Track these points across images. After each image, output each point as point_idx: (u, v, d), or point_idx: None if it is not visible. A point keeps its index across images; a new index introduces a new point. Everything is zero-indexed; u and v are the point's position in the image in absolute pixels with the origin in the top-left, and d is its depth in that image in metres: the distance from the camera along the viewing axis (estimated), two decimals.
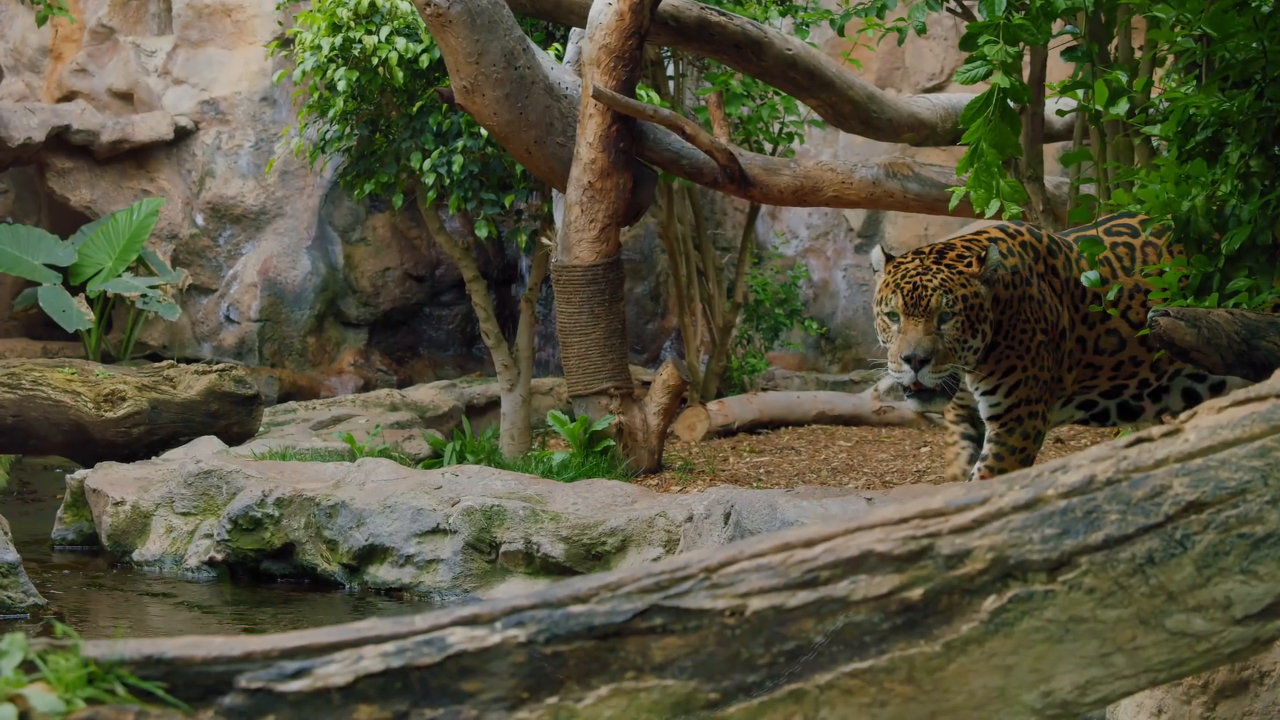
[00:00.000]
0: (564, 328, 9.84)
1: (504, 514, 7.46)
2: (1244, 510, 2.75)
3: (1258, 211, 5.96)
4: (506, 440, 11.17)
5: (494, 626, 2.50)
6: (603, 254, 9.70)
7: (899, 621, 2.65)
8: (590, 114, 9.65)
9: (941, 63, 15.72)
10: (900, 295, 6.75)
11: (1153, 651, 2.74)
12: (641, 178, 10.00)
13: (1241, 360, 5.24)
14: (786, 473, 9.90)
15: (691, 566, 2.64)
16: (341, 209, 15.74)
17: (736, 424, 12.35)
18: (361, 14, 11.05)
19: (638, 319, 16.17)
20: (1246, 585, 2.72)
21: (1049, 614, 2.68)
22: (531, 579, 7.32)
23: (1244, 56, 6.04)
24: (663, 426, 9.90)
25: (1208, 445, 2.82)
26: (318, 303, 15.63)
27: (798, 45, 10.53)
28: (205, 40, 15.74)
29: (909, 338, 6.71)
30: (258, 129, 15.56)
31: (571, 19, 10.55)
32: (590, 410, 9.66)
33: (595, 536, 7.26)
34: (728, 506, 6.41)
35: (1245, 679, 4.25)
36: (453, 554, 7.50)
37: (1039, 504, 2.76)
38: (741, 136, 12.58)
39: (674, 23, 10.18)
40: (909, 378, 6.73)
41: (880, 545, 2.69)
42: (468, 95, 9.66)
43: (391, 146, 11.52)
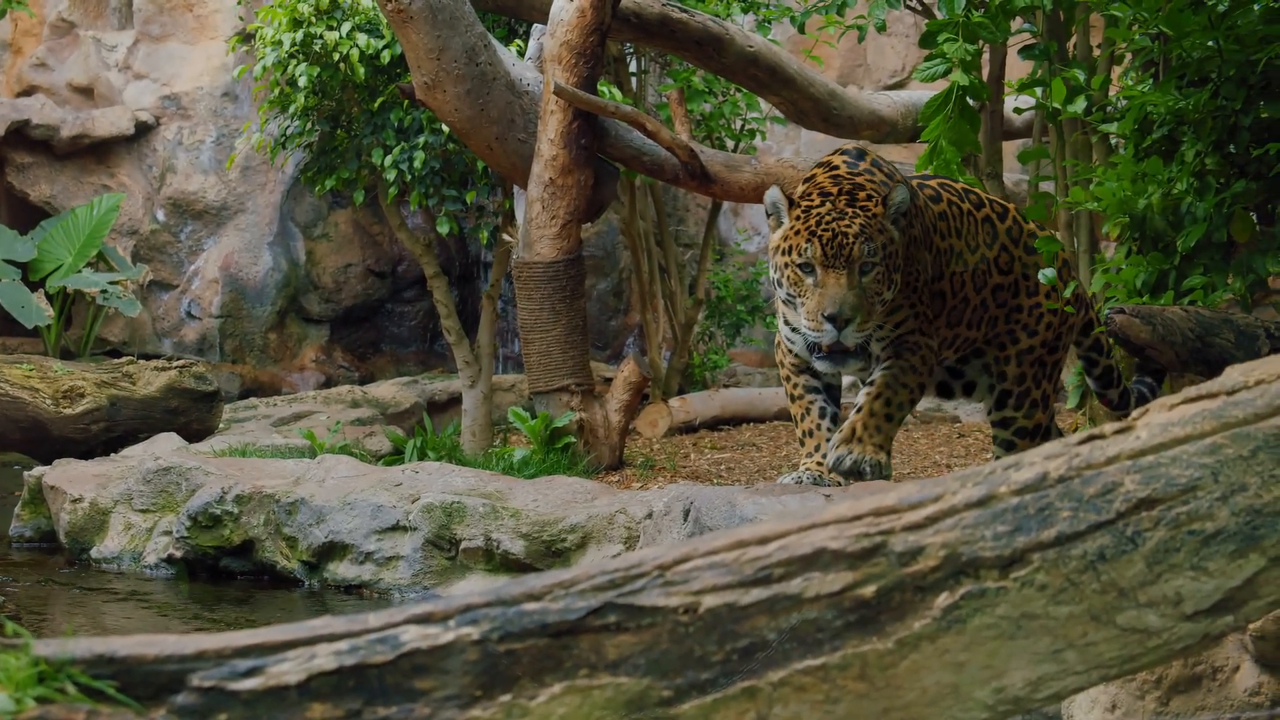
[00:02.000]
0: (525, 324, 9.83)
1: (464, 511, 7.45)
2: (1194, 507, 2.77)
3: (1213, 210, 6.00)
4: (468, 437, 11.16)
5: (447, 624, 2.50)
6: (564, 251, 9.70)
7: (852, 618, 2.65)
8: (552, 110, 9.64)
9: (903, 60, 15.77)
10: (819, 244, 6.11)
11: (1104, 648, 2.75)
12: (603, 174, 10.00)
13: (1196, 357, 5.27)
14: (747, 469, 9.92)
15: (645, 564, 2.65)
16: (303, 205, 15.70)
17: (698, 420, 12.37)
18: (323, 9, 11.02)
19: (600, 315, 16.17)
20: (1197, 581, 2.74)
21: (1001, 611, 2.69)
22: (491, 576, 7.31)
23: (1200, 55, 6.08)
24: (624, 423, 9.90)
25: (1159, 442, 2.83)
26: (279, 299, 15.60)
27: (759, 42, 10.55)
28: (166, 35, 15.68)
29: (831, 293, 6.09)
30: (219, 124, 15.51)
31: (533, 15, 10.54)
32: (551, 407, 9.66)
33: (555, 533, 7.25)
34: (687, 503, 6.41)
35: (1198, 674, 4.28)
36: (413, 551, 7.49)
37: (992, 501, 2.77)
38: (703, 133, 12.59)
39: (636, 19, 10.18)
40: (829, 337, 6.14)
41: (834, 542, 2.70)
42: (429, 91, 9.65)
43: (353, 142, 11.49)
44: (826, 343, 6.17)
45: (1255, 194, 6.04)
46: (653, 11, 10.21)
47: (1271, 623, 4.13)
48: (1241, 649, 4.27)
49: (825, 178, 6.49)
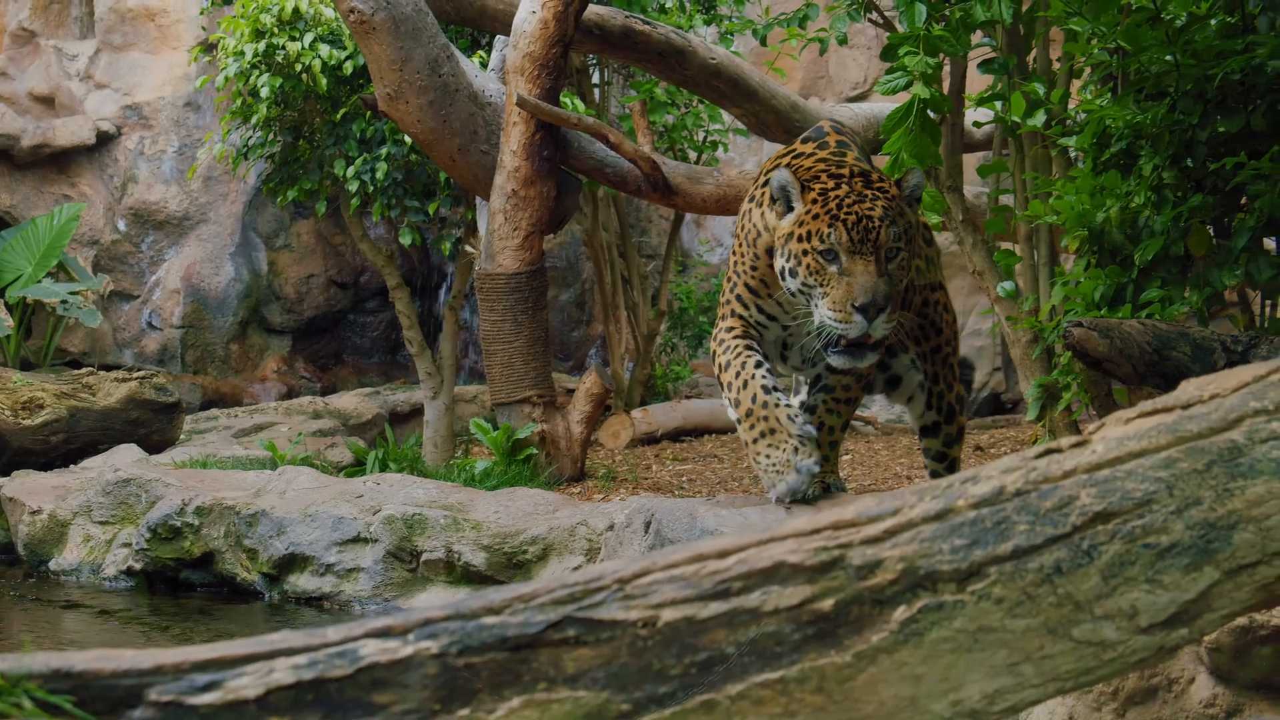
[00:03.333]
0: (487, 335, 9.83)
1: (425, 522, 7.44)
2: (1149, 520, 2.78)
3: (1170, 223, 6.03)
4: (430, 448, 11.15)
5: (407, 638, 2.50)
6: (526, 262, 9.70)
7: (810, 632, 2.66)
8: (514, 122, 9.65)
9: (865, 72, 15.81)
10: (843, 229, 5.60)
11: (1060, 660, 2.76)
12: (566, 186, 10.01)
13: (1153, 370, 5.30)
14: (709, 480, 9.92)
15: (605, 578, 2.65)
16: (266, 215, 15.65)
17: (660, 431, 12.38)
18: (285, 20, 11.01)
19: (563, 326, 16.17)
20: (1151, 595, 2.75)
21: (958, 624, 2.70)
22: (453, 588, 7.31)
23: (1157, 70, 6.11)
24: (586, 434, 9.90)
25: (1115, 456, 2.85)
26: (241, 309, 15.54)
27: (721, 54, 10.57)
28: (128, 44, 15.62)
29: (861, 281, 5.57)
30: (181, 134, 15.46)
31: (496, 26, 10.55)
32: (513, 418, 9.66)
33: (516, 545, 7.25)
34: (648, 515, 6.40)
35: (1154, 686, 4.30)
36: (373, 563, 7.47)
37: (949, 515, 2.78)
38: (666, 145, 12.62)
39: (598, 31, 10.20)
40: (858, 329, 5.59)
41: (792, 556, 2.71)
42: (391, 102, 9.64)
43: (315, 153, 11.49)
44: (854, 335, 5.62)
45: (1212, 208, 6.08)
46: (616, 23, 10.23)
47: (1226, 635, 4.15)
48: (1197, 661, 4.30)
49: (810, 161, 6.04)
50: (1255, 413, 2.90)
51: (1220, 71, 5.83)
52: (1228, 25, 6.07)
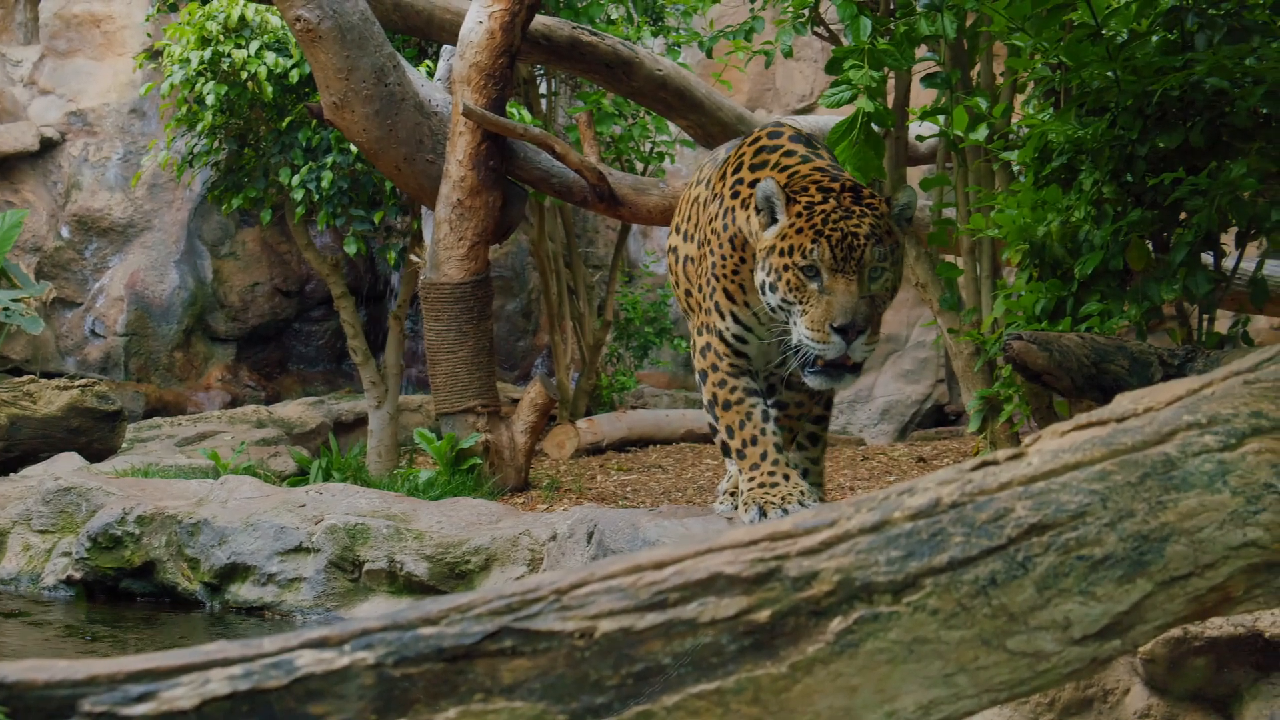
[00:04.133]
0: (432, 345, 9.81)
1: (368, 532, 7.42)
2: (1083, 533, 2.80)
3: (1110, 238, 6.08)
4: (374, 457, 11.12)
5: (343, 649, 2.50)
6: (472, 272, 9.69)
7: (747, 643, 2.67)
8: (461, 131, 9.65)
9: (811, 84, 15.86)
10: (827, 245, 5.43)
11: (994, 671, 2.78)
12: (511, 196, 10.01)
13: (1091, 383, 5.34)
14: (653, 491, 9.93)
15: (542, 588, 2.65)
16: (211, 223, 15.59)
17: (606, 442, 12.39)
18: (231, 28, 10.98)
19: (509, 336, 16.16)
20: (1085, 606, 2.77)
21: (894, 635, 2.71)
22: (395, 598, 7.29)
23: (1099, 85, 6.16)
24: (530, 444, 9.90)
25: (1050, 469, 2.87)
26: (185, 317, 15.46)
27: (668, 66, 10.59)
28: (73, 50, 15.53)
29: (841, 301, 5.40)
30: (126, 141, 15.38)
31: (443, 36, 10.54)
32: (457, 428, 9.65)
33: (459, 555, 7.24)
34: (590, 525, 6.42)
35: (1090, 696, 4.33)
36: (315, 572, 7.45)
37: (886, 526, 2.79)
38: (613, 155, 12.64)
39: (546, 42, 10.21)
40: (836, 351, 5.44)
41: (729, 567, 2.71)
42: (337, 111, 9.62)
43: (260, 161, 11.45)
44: (832, 356, 5.46)
45: (1151, 222, 6.13)
46: (562, 34, 10.24)
47: (1161, 646, 4.19)
48: (1132, 672, 4.33)
49: (809, 169, 5.88)
50: (1188, 426, 2.93)
51: (1160, 88, 5.88)
52: (1168, 42, 6.12)
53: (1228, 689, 4.27)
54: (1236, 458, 2.90)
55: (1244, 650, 4.19)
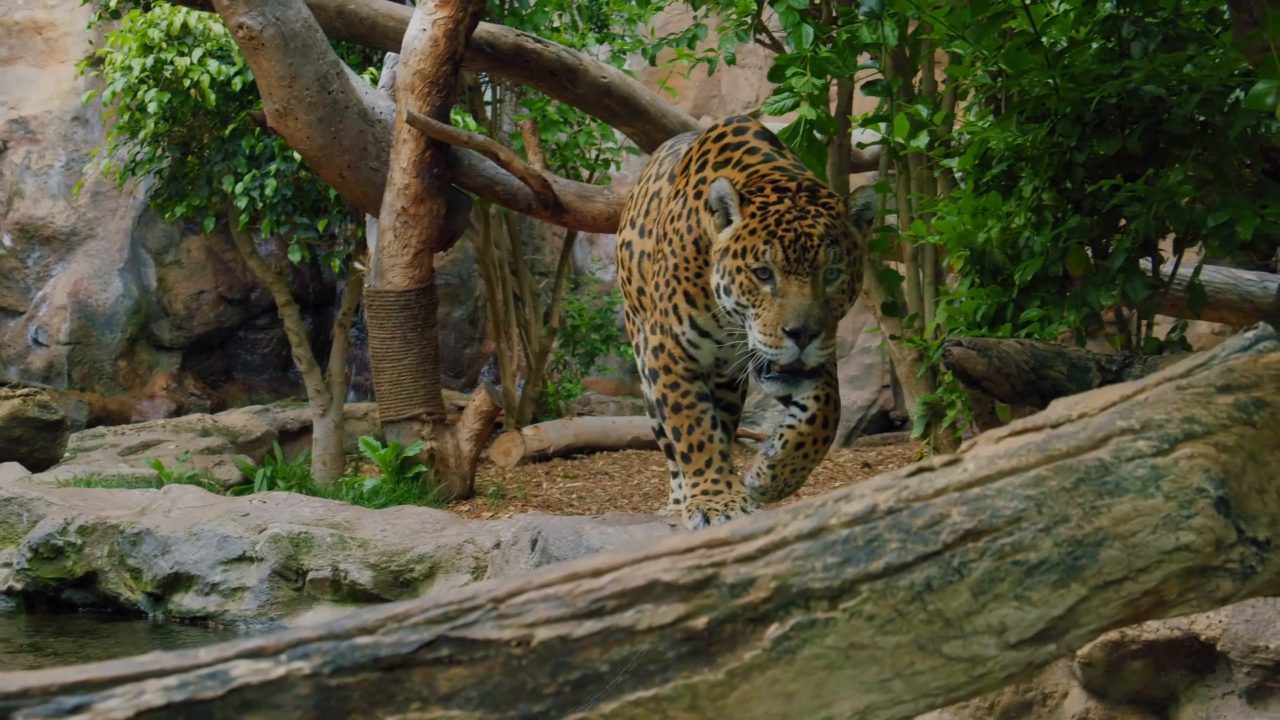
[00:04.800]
0: (377, 353, 9.80)
1: (311, 541, 7.40)
2: (1018, 538, 2.82)
3: (1049, 244, 6.12)
4: (319, 466, 11.09)
5: (279, 659, 2.49)
6: (416, 279, 9.68)
7: (684, 650, 2.67)
8: (404, 139, 9.63)
9: (756, 91, 15.90)
10: (779, 246, 5.28)
11: (930, 677, 2.79)
12: (456, 203, 10.00)
13: (1030, 389, 5.37)
14: (599, 498, 9.94)
15: (479, 597, 2.65)
16: (155, 231, 15.51)
17: (552, 449, 12.39)
18: (173, 35, 10.94)
19: (456, 343, 16.13)
20: (1020, 611, 2.79)
21: (830, 641, 2.72)
22: (339, 606, 7.28)
23: (1038, 93, 6.20)
24: (475, 452, 9.89)
25: (985, 474, 2.89)
26: (129, 325, 15.38)
27: (613, 73, 10.60)
28: (15, 57, 15.42)
29: (793, 304, 5.25)
30: (69, 149, 15.28)
31: (387, 43, 10.52)
32: (402, 436, 9.63)
33: (403, 563, 7.23)
34: (534, 533, 6.42)
35: (1029, 700, 4.36)
36: (259, 582, 7.43)
37: (822, 533, 2.80)
38: (558, 163, 12.64)
39: (490, 49, 10.20)
40: (789, 355, 5.28)
41: (666, 574, 2.71)
42: (281, 119, 9.60)
43: (204, 169, 11.41)
44: (785, 361, 5.30)
45: (1090, 229, 6.17)
46: (507, 41, 10.24)
47: (1099, 649, 4.22)
48: (1070, 675, 4.36)
49: (769, 168, 5.74)
50: (1122, 431, 2.95)
51: (1098, 95, 5.92)
52: (1106, 50, 6.17)
53: (1165, 692, 4.31)
54: (1169, 463, 2.92)
55: (1180, 653, 4.23)
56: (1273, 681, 4.06)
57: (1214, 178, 6.01)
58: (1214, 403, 3.04)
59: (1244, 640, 4.09)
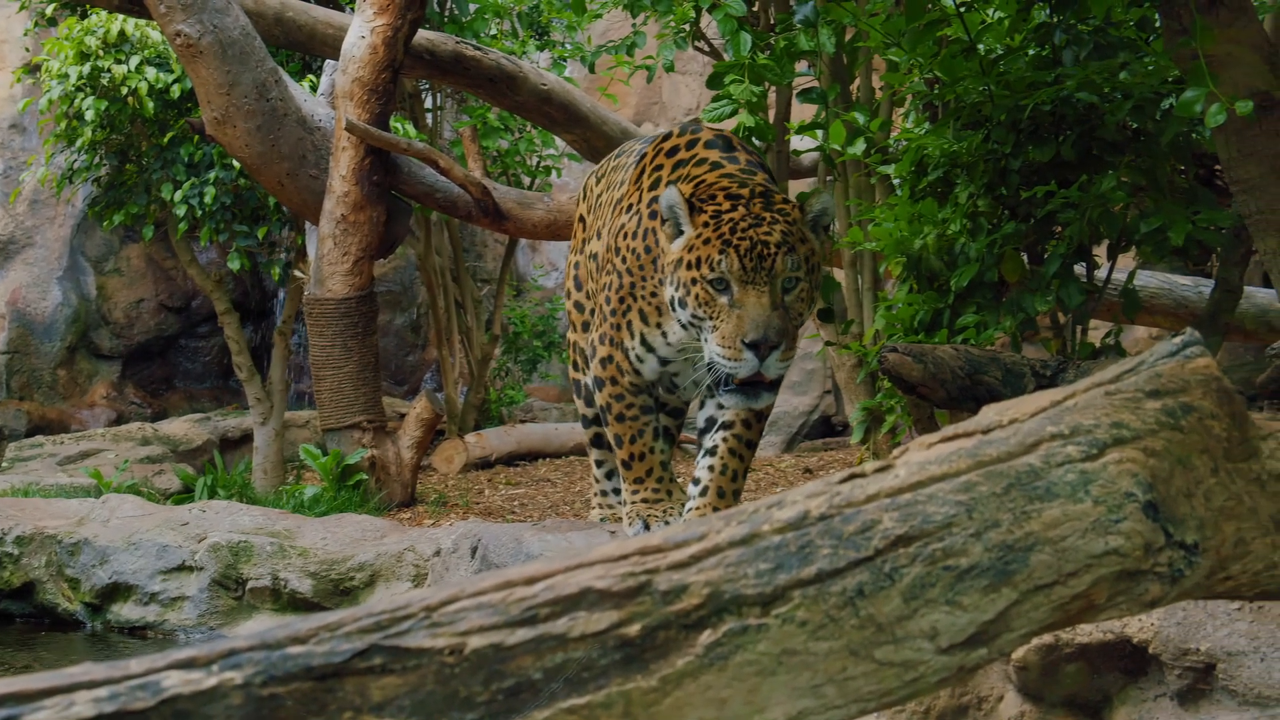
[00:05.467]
0: (317, 361, 9.77)
1: (251, 550, 7.37)
2: (949, 543, 2.83)
3: (985, 250, 6.16)
4: (259, 474, 11.04)
5: (210, 669, 2.48)
6: (356, 287, 9.66)
7: (617, 657, 2.67)
8: (344, 147, 9.61)
9: (697, 98, 15.94)
10: (735, 256, 5.11)
11: (862, 682, 2.80)
12: (396, 211, 9.98)
13: (965, 395, 5.40)
14: (540, 505, 9.93)
15: (412, 605, 2.65)
16: (94, 239, 15.42)
17: (494, 456, 12.37)
18: (111, 43, 10.88)
19: (398, 351, 16.10)
20: (951, 616, 2.80)
21: (762, 647, 2.73)
22: (279, 615, 7.26)
23: (973, 100, 6.24)
24: (416, 460, 9.87)
25: (916, 480, 2.90)
26: (69, 334, 15.28)
27: (553, 80, 10.61)
28: None
29: (752, 315, 5.08)
30: (6, 157, 15.18)
31: (326, 51, 10.50)
32: (343, 444, 9.60)
33: (343, 571, 7.22)
34: (474, 540, 6.42)
35: (964, 704, 4.39)
36: (198, 591, 7.40)
37: (755, 539, 2.81)
38: (500, 170, 12.63)
39: (429, 56, 10.19)
40: (749, 368, 5.11)
41: (599, 582, 2.72)
42: (219, 126, 9.56)
43: (142, 177, 11.35)
44: (744, 374, 5.13)
45: (1025, 235, 6.22)
46: (446, 49, 10.23)
47: (1033, 653, 4.25)
48: (1005, 679, 4.39)
49: (716, 176, 5.57)
50: (1052, 437, 2.97)
51: (1031, 102, 5.97)
52: (1039, 58, 6.22)
53: (1099, 695, 4.34)
54: (1098, 468, 2.95)
55: (1114, 656, 4.27)
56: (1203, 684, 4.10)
57: (1147, 184, 6.07)
58: (1142, 408, 3.07)
59: (1175, 643, 4.13)
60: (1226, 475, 3.12)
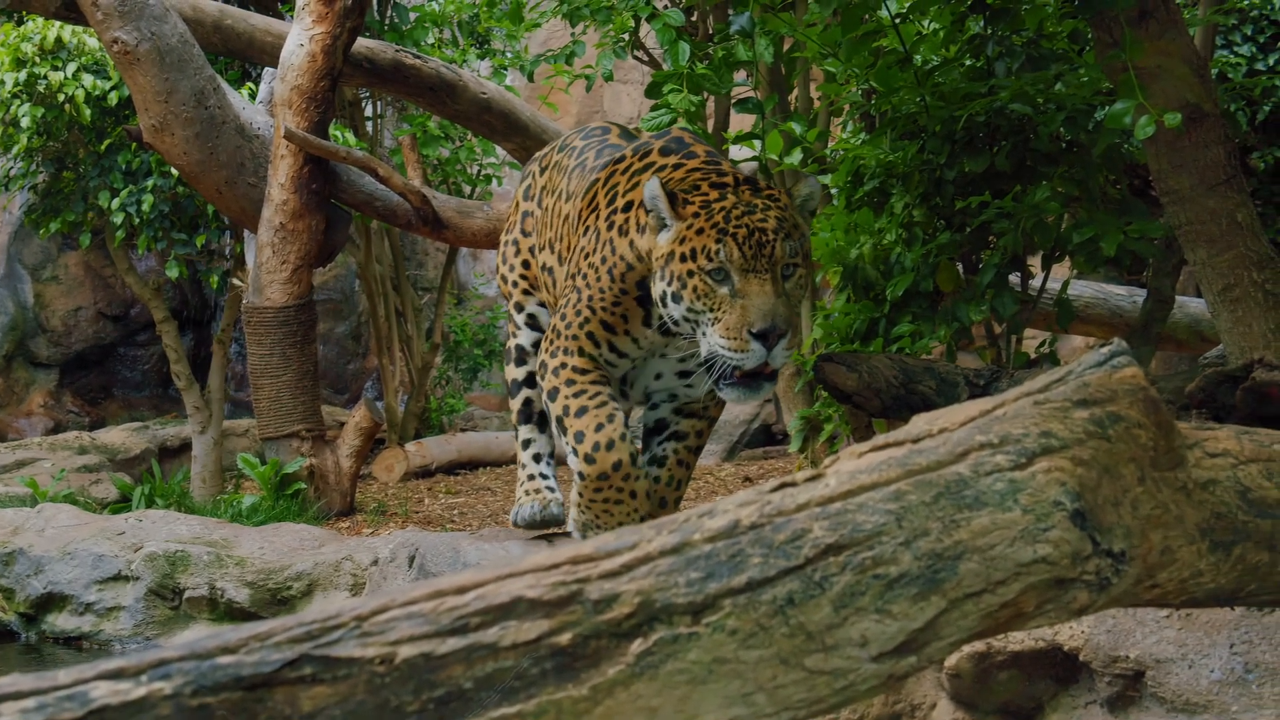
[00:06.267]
0: (255, 369, 9.73)
1: (188, 559, 7.33)
2: (879, 552, 2.85)
3: (920, 260, 6.20)
4: (198, 483, 10.99)
5: (139, 679, 2.48)
6: (295, 295, 9.63)
7: (548, 666, 2.68)
8: (282, 155, 9.58)
9: (638, 107, 15.97)
10: (734, 244, 4.96)
11: (793, 690, 2.82)
12: (335, 219, 9.95)
13: (900, 404, 5.44)
14: (480, 514, 9.92)
15: (343, 615, 2.65)
16: (31, 246, 15.31)
17: (435, 464, 12.35)
18: (47, 49, 10.81)
19: (339, 359, 16.05)
20: (881, 624, 2.82)
21: (693, 655, 2.74)
22: (216, 625, 7.22)
23: (909, 110, 6.28)
24: (355, 469, 9.85)
25: (847, 489, 2.92)
26: (5, 342, 15.18)
27: (492, 89, 10.61)
28: None
29: (757, 304, 4.92)
30: None
31: (264, 59, 10.47)
32: (282, 453, 9.57)
33: (281, 581, 7.19)
34: (412, 549, 6.41)
35: (898, 711, 4.41)
36: (135, 601, 7.35)
37: (686, 548, 2.82)
38: (440, 178, 12.62)
39: (369, 64, 10.18)
40: (756, 359, 4.95)
41: (531, 591, 2.73)
42: (157, 134, 9.52)
43: (79, 184, 11.28)
44: (751, 365, 4.97)
45: (959, 245, 6.26)
46: (385, 57, 10.22)
47: (966, 661, 4.28)
48: (939, 687, 4.42)
49: (683, 173, 5.42)
50: (981, 446, 3.00)
51: (966, 113, 6.01)
52: (974, 69, 6.26)
53: (1032, 702, 4.38)
54: (1027, 476, 2.98)
55: (1045, 663, 4.30)
56: (1133, 690, 4.14)
57: (1080, 194, 6.13)
58: (1070, 417, 3.10)
59: (1105, 650, 4.17)
60: (1153, 484, 3.16)
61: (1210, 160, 5.26)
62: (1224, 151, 5.27)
